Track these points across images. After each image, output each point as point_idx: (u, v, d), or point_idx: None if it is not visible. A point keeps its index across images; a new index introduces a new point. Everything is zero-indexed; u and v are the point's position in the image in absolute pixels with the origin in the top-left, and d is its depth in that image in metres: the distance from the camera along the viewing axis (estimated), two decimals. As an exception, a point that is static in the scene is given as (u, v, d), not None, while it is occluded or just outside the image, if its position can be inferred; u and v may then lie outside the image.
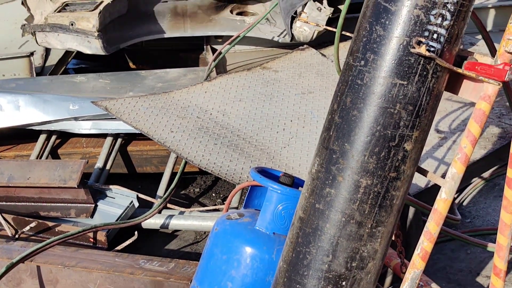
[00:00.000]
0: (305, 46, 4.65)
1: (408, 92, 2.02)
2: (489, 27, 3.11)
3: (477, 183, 3.83)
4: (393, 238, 2.29)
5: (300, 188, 2.45)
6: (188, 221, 3.59)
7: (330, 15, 4.48)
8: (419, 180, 3.36)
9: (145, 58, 5.31)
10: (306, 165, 3.45)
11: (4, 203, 3.59)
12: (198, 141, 3.60)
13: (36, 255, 3.13)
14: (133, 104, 3.83)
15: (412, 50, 1.99)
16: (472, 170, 3.68)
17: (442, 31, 2.00)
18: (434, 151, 3.71)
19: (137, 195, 3.64)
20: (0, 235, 3.44)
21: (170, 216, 3.59)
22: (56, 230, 3.45)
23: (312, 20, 4.48)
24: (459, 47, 2.12)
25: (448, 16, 2.00)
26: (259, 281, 2.42)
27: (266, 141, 3.71)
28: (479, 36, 3.59)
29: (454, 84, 2.18)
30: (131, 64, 5.40)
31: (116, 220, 3.49)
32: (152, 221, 3.57)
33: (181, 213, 3.62)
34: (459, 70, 2.10)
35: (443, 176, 2.21)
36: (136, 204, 3.62)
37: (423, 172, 2.34)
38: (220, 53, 4.64)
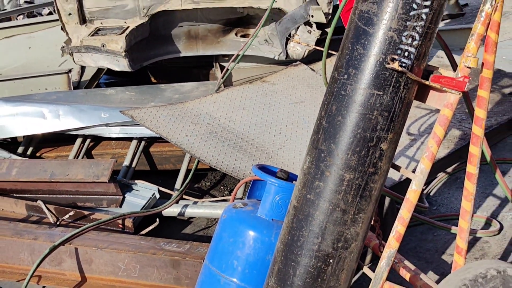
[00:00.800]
0: (297, 62, 4.65)
1: (384, 101, 2.02)
2: (451, 46, 3.11)
3: (442, 177, 3.83)
4: (372, 223, 2.28)
5: (294, 181, 2.45)
6: (200, 209, 3.59)
7: (319, 37, 4.48)
8: (393, 175, 3.36)
9: (164, 74, 5.31)
10: (299, 163, 3.45)
11: (47, 195, 3.60)
12: (208, 144, 3.59)
13: (74, 239, 3.13)
14: (154, 112, 3.83)
15: (387, 65, 1.99)
16: (438, 166, 3.68)
17: (412, 49, 2.01)
18: (405, 150, 3.71)
19: (158, 188, 3.65)
20: (44, 222, 3.44)
21: (186, 206, 3.59)
22: (91, 218, 3.45)
23: (304, 41, 4.48)
24: (426, 63, 2.12)
25: (417, 37, 2.00)
26: (260, 260, 2.42)
27: (265, 143, 3.71)
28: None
29: (422, 94, 2.19)
30: (152, 79, 5.40)
31: (141, 209, 3.49)
32: (171, 210, 3.58)
33: (195, 203, 3.62)
34: (426, 82, 2.10)
35: (414, 171, 2.21)
36: (157, 196, 3.63)
37: (397, 168, 2.33)
38: (227, 70, 4.64)
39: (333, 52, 3.06)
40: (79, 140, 4.15)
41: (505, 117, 3.99)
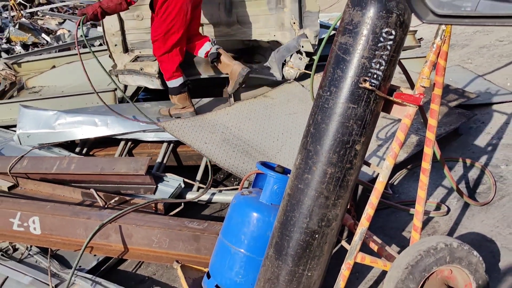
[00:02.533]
0: (291, 81, 4.64)
1: (358, 112, 2.03)
2: (409, 70, 3.13)
3: (402, 171, 3.82)
4: (348, 206, 2.28)
5: (288, 174, 2.45)
6: (216, 196, 3.59)
7: (307, 62, 4.49)
8: (370, 171, 3.35)
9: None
10: (292, 163, 3.45)
11: (97, 185, 3.61)
12: (222, 150, 3.58)
13: (118, 218, 3.13)
14: (180, 123, 3.82)
15: (360, 85, 1.99)
16: (399, 165, 3.69)
17: (380, 73, 2.01)
18: (375, 151, 3.71)
19: (183, 180, 3.65)
20: (95, 206, 3.45)
21: (204, 193, 3.59)
22: (131, 202, 3.46)
23: (296, 66, 4.48)
24: (390, 83, 2.12)
25: (383, 63, 2.00)
26: (262, 235, 2.42)
27: (266, 148, 3.69)
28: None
29: (387, 107, 2.19)
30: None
31: (169, 196, 3.49)
32: (193, 196, 3.58)
33: (212, 191, 3.62)
34: (391, 98, 2.10)
35: (381, 166, 2.21)
36: (182, 185, 3.63)
37: (368, 164, 2.34)
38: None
39: (319, 75, 3.06)
40: (122, 143, 4.16)
41: (451, 127, 3.99)
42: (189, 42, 4.28)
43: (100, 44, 6.96)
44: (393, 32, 1.96)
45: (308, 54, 4.48)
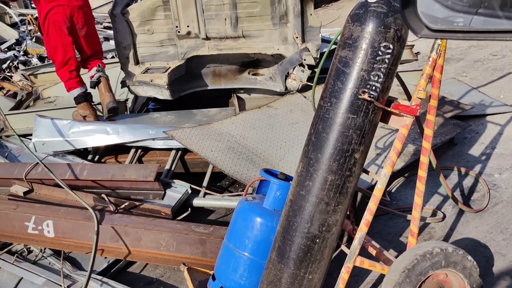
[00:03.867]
0: (293, 92, 4.65)
1: (357, 122, 2.03)
2: (407, 83, 3.14)
3: (399, 179, 3.81)
4: (348, 212, 2.28)
5: (290, 181, 2.45)
6: (221, 202, 3.58)
7: (309, 75, 4.50)
8: (368, 179, 3.35)
9: (196, 101, 5.33)
10: (294, 170, 3.44)
11: (109, 190, 3.61)
12: (228, 157, 3.58)
13: (128, 223, 3.13)
14: (188, 132, 3.83)
15: (359, 96, 2.00)
16: (396, 173, 3.68)
17: (378, 85, 2.01)
18: (373, 159, 3.70)
19: (190, 186, 3.65)
20: (106, 210, 3.44)
21: (210, 199, 3.59)
22: (140, 207, 3.46)
23: (298, 78, 4.49)
24: (388, 94, 2.12)
25: (382, 76, 2.01)
26: (265, 239, 2.42)
27: (270, 155, 3.69)
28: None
29: (385, 117, 2.19)
30: (187, 106, 5.41)
31: (177, 202, 3.48)
32: (199, 202, 3.57)
33: (217, 197, 3.61)
34: (388, 109, 2.10)
35: (379, 174, 2.21)
36: (189, 191, 3.62)
37: (366, 172, 2.34)
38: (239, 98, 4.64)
39: (320, 86, 3.06)
40: (133, 150, 4.16)
41: (447, 137, 3.98)
42: (85, 63, 4.60)
43: (113, 57, 6.99)
44: (391, 46, 1.97)
45: (310, 67, 4.49)
